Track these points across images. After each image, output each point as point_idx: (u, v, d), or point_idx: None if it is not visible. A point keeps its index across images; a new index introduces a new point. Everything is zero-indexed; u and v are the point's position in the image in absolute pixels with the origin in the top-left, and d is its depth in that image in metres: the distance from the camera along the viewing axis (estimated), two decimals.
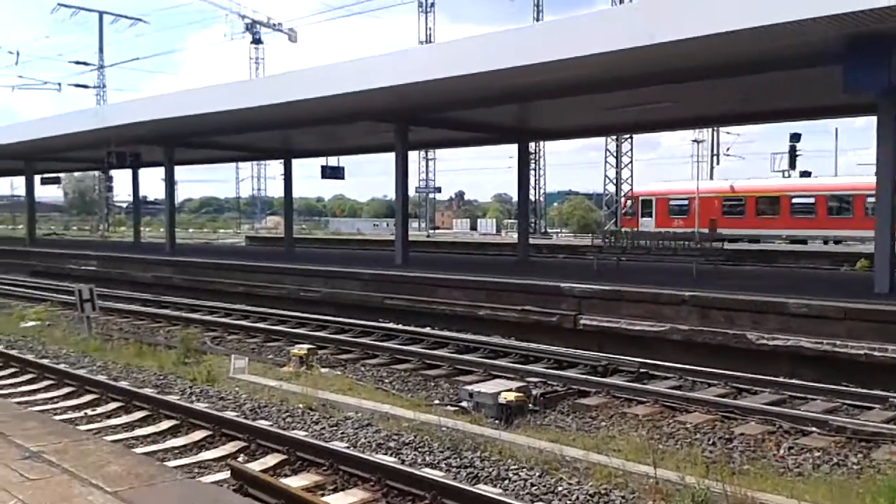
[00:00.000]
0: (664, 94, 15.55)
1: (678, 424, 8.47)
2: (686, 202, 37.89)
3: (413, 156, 48.17)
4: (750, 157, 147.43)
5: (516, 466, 6.52)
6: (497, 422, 8.33)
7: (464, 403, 8.97)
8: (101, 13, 59.50)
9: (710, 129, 45.38)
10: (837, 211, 34.76)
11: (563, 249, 33.22)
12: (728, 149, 52.27)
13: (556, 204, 79.67)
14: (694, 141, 45.56)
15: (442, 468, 6.58)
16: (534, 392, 9.27)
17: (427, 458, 6.82)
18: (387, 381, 10.73)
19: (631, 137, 42.78)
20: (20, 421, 5.42)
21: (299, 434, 7.32)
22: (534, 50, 13.36)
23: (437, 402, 9.52)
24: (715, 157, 50.35)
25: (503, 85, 15.38)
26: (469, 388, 9.19)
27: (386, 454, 6.89)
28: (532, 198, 47.15)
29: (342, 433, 7.59)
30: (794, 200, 35.79)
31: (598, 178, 42.26)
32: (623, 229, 34.66)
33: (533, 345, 12.54)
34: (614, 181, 42.19)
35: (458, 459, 6.76)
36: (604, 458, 6.76)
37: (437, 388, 10.38)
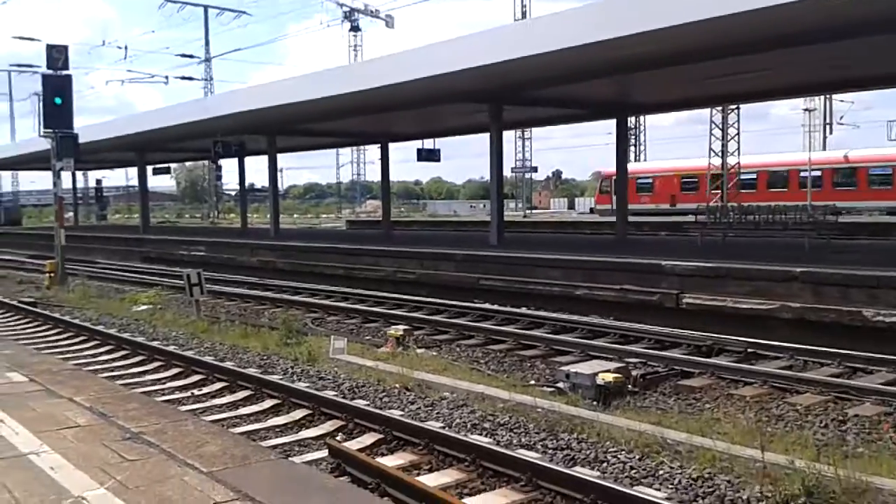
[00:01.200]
0: (773, 60, 14.75)
1: (788, 406, 8.07)
2: (651, 180, 40.93)
3: (508, 135, 47.70)
4: (866, 126, 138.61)
5: (615, 449, 6.34)
6: (595, 403, 8.14)
7: (560, 384, 8.81)
8: (205, 7, 61.48)
9: (821, 97, 42.88)
10: None
11: (664, 226, 32.25)
12: (842, 117, 49.30)
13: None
14: (805, 110, 43.16)
15: (538, 449, 6.46)
16: (633, 373, 9.01)
17: (523, 440, 6.72)
18: (482, 361, 10.67)
19: (738, 108, 40.93)
20: (124, 402, 5.66)
21: (395, 413, 7.36)
22: (634, 19, 12.89)
23: (532, 382, 9.39)
24: (828, 126, 47.60)
25: (601, 58, 14.98)
26: (566, 368, 9.01)
27: (481, 435, 6.83)
28: None
29: (437, 413, 7.58)
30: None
31: (702, 152, 40.55)
32: (729, 203, 33.30)
33: (632, 324, 12.21)
34: (720, 154, 40.49)
35: (554, 441, 6.64)
36: (708, 441, 6.47)
37: (533, 368, 10.24)
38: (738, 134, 40.39)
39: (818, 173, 35.82)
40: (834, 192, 34.01)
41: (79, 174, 60.12)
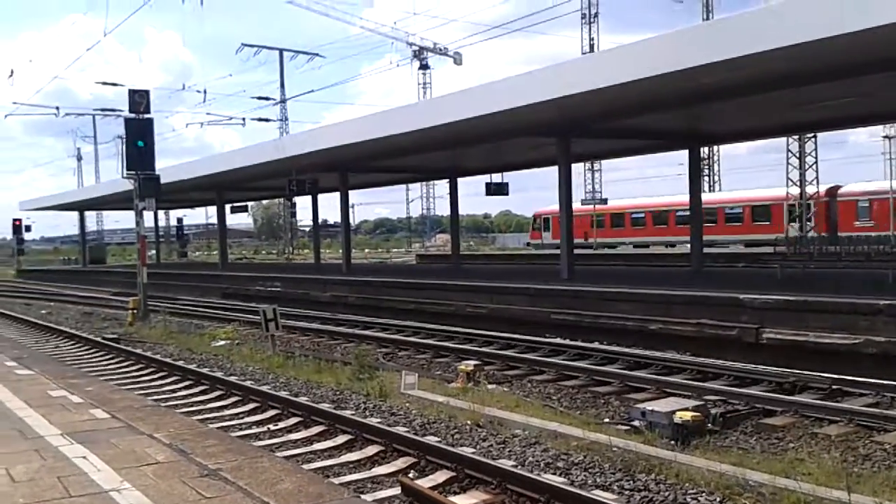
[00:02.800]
0: (856, 88, 14.30)
1: (875, 445, 7.70)
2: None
3: (577, 168, 47.38)
4: None
5: (694, 491, 6.13)
6: (672, 443, 7.90)
7: (636, 422, 8.59)
8: (280, 50, 63.84)
9: None
10: None
11: (741, 258, 31.40)
12: None
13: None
14: (885, 137, 41.55)
15: (614, 490, 6.30)
16: (713, 411, 8.73)
17: (598, 480, 6.56)
18: (554, 397, 10.52)
19: (815, 136, 39.75)
20: (202, 438, 5.78)
21: (467, 451, 7.30)
22: (712, 48, 12.67)
23: (606, 420, 9.19)
24: None
25: (673, 88, 14.79)
26: (641, 406, 8.79)
27: (554, 474, 6.70)
28: None
29: (510, 451, 7.48)
30: None
31: (779, 181, 39.43)
32: (810, 235, 32.25)
33: (710, 360, 11.86)
34: (797, 183, 39.27)
35: (631, 482, 6.46)
36: (792, 482, 6.21)
37: (607, 405, 10.03)
38: (815, 162, 39.20)
39: None
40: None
41: (160, 213, 62.50)
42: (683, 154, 24.15)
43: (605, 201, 43.86)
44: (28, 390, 8.00)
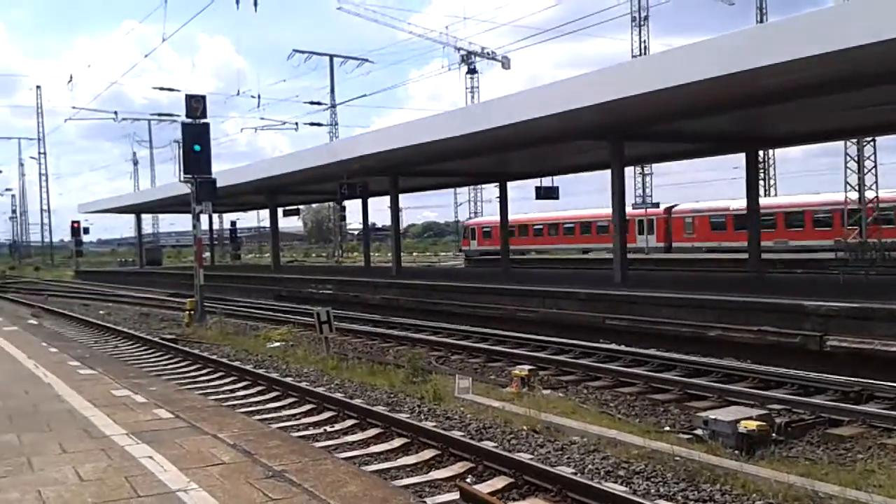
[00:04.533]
0: None
1: None
2: (490, 228, 50.93)
3: (628, 171, 46.91)
4: None
5: (762, 502, 5.96)
6: (736, 452, 7.69)
7: (698, 431, 8.40)
8: (331, 56, 64.42)
9: None
10: None
11: (801, 263, 30.63)
12: None
13: None
14: None
15: (678, 500, 6.17)
16: (777, 420, 8.49)
17: (661, 489, 6.43)
18: (611, 404, 10.35)
19: (874, 140, 38.57)
20: (265, 439, 5.82)
21: (524, 457, 7.22)
22: (774, 49, 12.38)
23: (667, 428, 9.01)
24: None
25: (730, 91, 14.51)
26: (703, 414, 8.59)
27: (615, 482, 6.59)
28: None
29: (568, 458, 7.39)
30: None
31: (836, 186, 38.36)
32: (871, 240, 31.29)
33: (772, 368, 11.54)
34: (856, 188, 38.12)
35: (695, 492, 6.31)
36: (863, 494, 6.00)
37: (667, 413, 9.83)
38: (875, 167, 38.03)
39: None
40: None
41: (214, 216, 63.62)
42: (738, 158, 23.64)
43: (657, 205, 43.19)
44: (92, 390, 8.16)
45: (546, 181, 29.00)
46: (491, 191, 68.77)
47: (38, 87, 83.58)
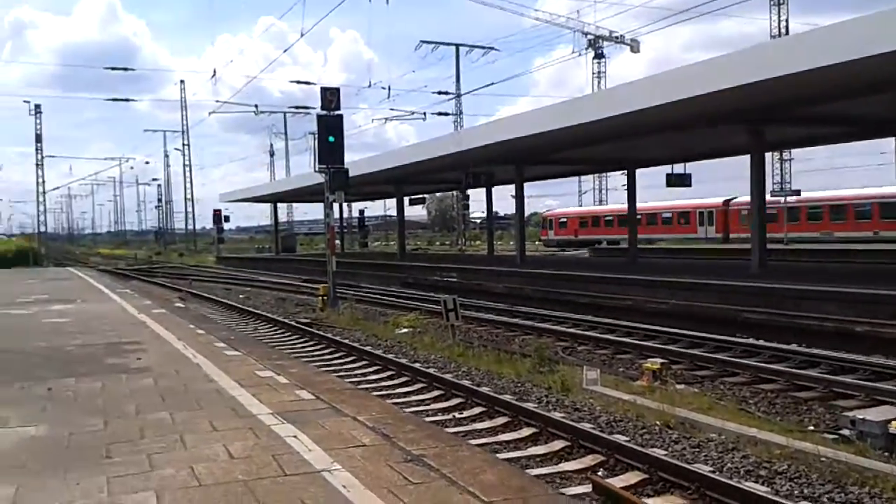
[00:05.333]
0: None
1: None
2: (566, 220, 59.98)
3: (766, 158, 44.79)
4: None
5: None
6: (887, 454, 7.22)
7: (844, 431, 7.94)
8: (457, 46, 64.98)
9: None
10: None
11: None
12: None
13: None
14: None
15: (823, 503, 5.86)
16: None
17: (805, 491, 6.13)
18: (750, 401, 9.93)
19: None
20: (402, 424, 5.95)
21: (659, 452, 7.05)
22: None
23: (811, 428, 8.56)
24: None
25: (883, 71, 13.53)
26: (850, 414, 8.11)
27: (756, 482, 6.33)
28: None
29: (705, 456, 7.15)
30: None
31: None
32: None
33: None
34: None
35: (842, 495, 5.99)
36: None
37: (810, 412, 9.33)
38: None
39: None
40: None
41: (343, 205, 65.66)
42: (885, 143, 22.00)
43: (797, 192, 40.93)
44: (238, 370, 8.61)
45: (678, 168, 28.13)
46: (616, 178, 67.50)
47: (181, 81, 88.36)
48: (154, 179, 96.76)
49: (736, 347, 13.24)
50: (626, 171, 32.24)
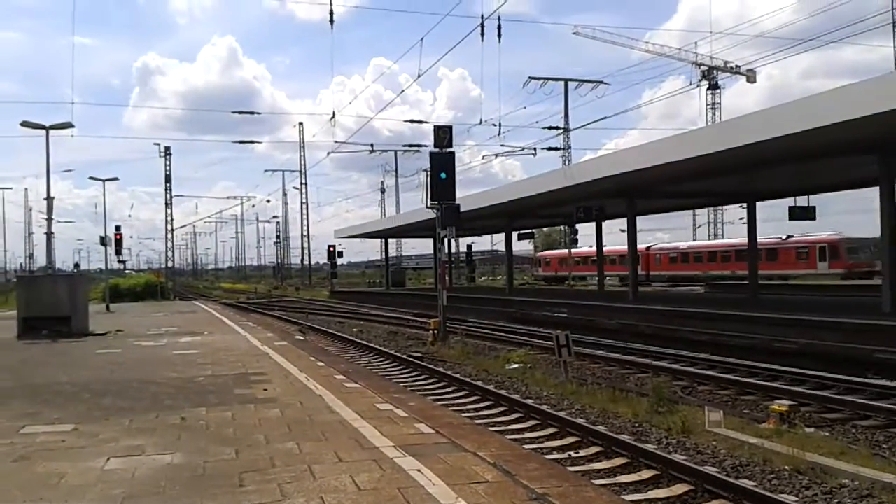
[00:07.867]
0: None
1: None
2: (550, 260, 70.39)
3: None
4: None
5: None
6: None
7: None
8: (566, 81, 65.15)
9: None
10: None
11: None
12: None
13: None
14: None
15: None
16: None
17: None
18: (884, 446, 9.35)
19: None
20: (523, 461, 5.96)
21: (790, 499, 6.76)
22: None
23: None
24: None
25: None
26: None
27: None
28: None
29: (838, 503, 6.78)
30: None
31: None
32: None
33: None
34: None
35: None
36: None
37: None
38: None
39: None
40: None
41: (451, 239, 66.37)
42: None
43: None
44: (358, 402, 8.85)
45: (801, 200, 27.01)
46: (732, 212, 65.27)
47: (300, 123, 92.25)
48: (274, 217, 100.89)
49: (867, 389, 12.50)
50: (744, 204, 31.23)
